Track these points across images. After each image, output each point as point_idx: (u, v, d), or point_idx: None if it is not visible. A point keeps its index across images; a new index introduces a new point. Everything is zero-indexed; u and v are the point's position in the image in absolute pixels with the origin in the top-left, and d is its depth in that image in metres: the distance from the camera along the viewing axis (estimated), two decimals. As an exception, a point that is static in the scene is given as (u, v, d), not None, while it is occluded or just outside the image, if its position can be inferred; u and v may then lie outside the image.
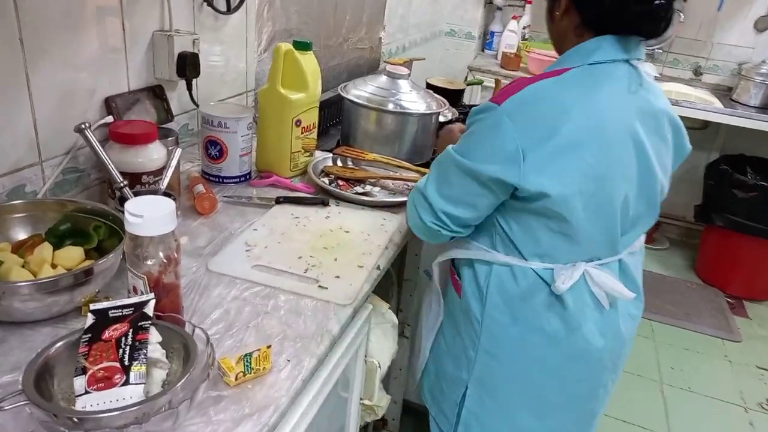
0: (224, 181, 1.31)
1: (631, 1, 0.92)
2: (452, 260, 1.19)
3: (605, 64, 0.96)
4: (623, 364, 1.19)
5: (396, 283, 1.44)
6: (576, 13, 0.98)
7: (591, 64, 0.96)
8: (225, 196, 1.23)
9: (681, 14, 3.24)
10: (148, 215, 0.70)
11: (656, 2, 0.91)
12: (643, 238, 1.15)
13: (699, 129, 3.14)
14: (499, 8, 3.36)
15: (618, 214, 1.01)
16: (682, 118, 3.16)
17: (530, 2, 3.23)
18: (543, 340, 1.06)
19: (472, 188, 0.99)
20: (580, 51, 0.98)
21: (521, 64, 3.03)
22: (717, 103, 2.95)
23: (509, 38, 3.16)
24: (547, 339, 1.06)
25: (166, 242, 0.73)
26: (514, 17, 3.22)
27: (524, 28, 3.28)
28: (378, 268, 1.05)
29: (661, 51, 3.40)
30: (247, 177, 1.34)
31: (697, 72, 3.41)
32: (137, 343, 0.66)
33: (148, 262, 0.73)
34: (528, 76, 0.99)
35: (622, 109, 0.96)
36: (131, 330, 0.68)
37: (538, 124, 0.92)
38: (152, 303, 0.70)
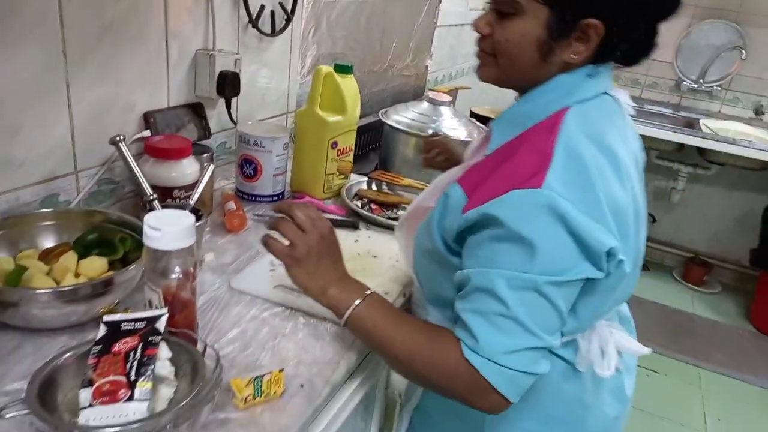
0: (257, 199, 1.31)
1: (657, 34, 0.78)
2: None
3: (594, 100, 0.78)
4: None
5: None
6: (592, 53, 0.76)
7: (579, 102, 0.76)
8: (255, 215, 1.23)
9: (743, 51, 3.13)
10: (167, 229, 0.69)
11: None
12: None
13: (758, 170, 2.99)
14: (550, 39, 3.33)
15: (642, 252, 0.85)
16: (741, 157, 3.01)
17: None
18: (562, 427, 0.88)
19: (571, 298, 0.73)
20: (560, 86, 0.77)
21: (570, 96, 2.98)
22: (778, 144, 2.82)
23: (559, 70, 3.12)
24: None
25: (184, 257, 0.72)
26: (564, 49, 3.18)
27: (574, 60, 3.23)
28: (404, 295, 1.02)
29: (719, 88, 3.29)
30: (281, 196, 1.34)
31: (759, 111, 3.27)
32: (145, 358, 0.65)
33: (165, 277, 0.72)
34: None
35: (631, 143, 0.82)
36: (141, 344, 0.66)
37: (604, 191, 0.71)
38: (165, 318, 0.69)
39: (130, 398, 0.64)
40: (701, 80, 3.29)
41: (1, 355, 0.75)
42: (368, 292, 0.81)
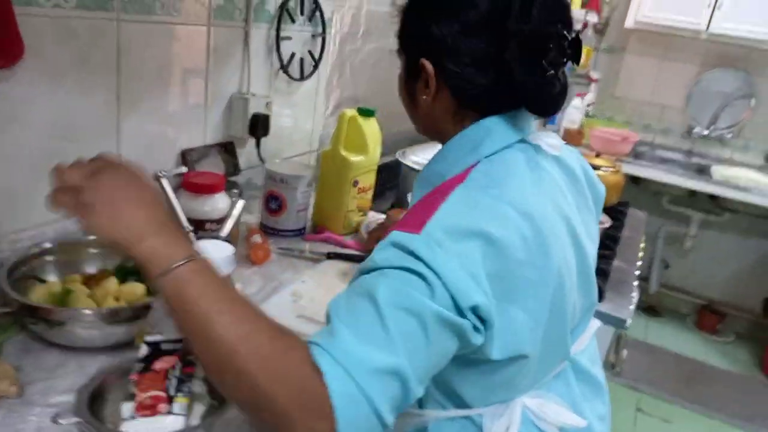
0: (280, 233, 1.38)
1: (516, 73, 0.71)
2: None
3: (504, 151, 0.75)
4: None
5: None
6: (449, 95, 0.76)
7: (488, 156, 0.74)
8: (279, 248, 1.30)
9: (753, 99, 3.20)
10: (211, 257, 0.76)
11: (549, 72, 0.72)
12: (593, 324, 0.93)
13: (769, 218, 3.03)
14: (564, 86, 3.43)
15: (568, 323, 0.78)
16: (753, 205, 3.02)
17: (595, 81, 3.28)
18: None
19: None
20: (465, 142, 0.76)
21: (583, 141, 3.05)
22: (790, 192, 2.85)
23: (572, 114, 3.20)
24: None
25: (219, 285, 0.78)
26: (578, 94, 3.26)
27: (588, 105, 3.31)
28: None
29: (730, 135, 3.35)
30: (302, 231, 1.41)
31: (770, 159, 3.32)
32: (184, 376, 0.71)
33: (202, 302, 0.78)
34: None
35: (541, 194, 0.74)
36: (180, 363, 0.73)
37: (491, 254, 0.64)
38: (201, 340, 0.75)
39: (169, 412, 0.70)
40: (712, 127, 3.35)
41: (48, 370, 0.81)
42: (199, 255, 0.65)
